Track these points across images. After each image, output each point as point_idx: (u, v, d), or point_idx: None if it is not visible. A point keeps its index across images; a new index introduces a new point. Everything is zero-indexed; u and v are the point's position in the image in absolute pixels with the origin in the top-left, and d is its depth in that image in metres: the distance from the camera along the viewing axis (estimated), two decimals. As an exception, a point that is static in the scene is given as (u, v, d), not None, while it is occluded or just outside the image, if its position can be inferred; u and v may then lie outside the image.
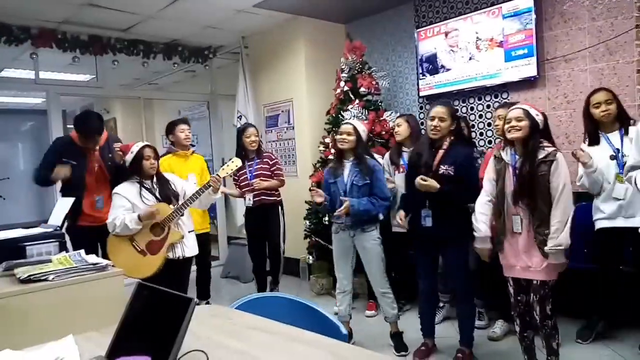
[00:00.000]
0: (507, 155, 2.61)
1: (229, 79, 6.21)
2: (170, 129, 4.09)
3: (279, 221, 4.25)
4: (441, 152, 2.90)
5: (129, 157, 3.14)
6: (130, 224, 3.01)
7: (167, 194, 3.19)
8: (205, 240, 4.18)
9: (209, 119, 6.68)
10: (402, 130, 3.77)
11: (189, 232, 3.26)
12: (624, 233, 2.96)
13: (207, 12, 4.85)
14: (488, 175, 2.72)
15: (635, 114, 3.52)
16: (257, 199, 4.06)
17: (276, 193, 4.19)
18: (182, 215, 3.16)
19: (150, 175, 3.18)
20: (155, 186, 3.19)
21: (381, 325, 3.63)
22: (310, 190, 3.41)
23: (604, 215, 3.04)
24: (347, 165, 3.25)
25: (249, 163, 4.12)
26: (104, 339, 1.34)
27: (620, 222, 2.98)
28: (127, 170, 3.17)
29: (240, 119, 5.66)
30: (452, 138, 2.92)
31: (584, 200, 3.29)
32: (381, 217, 3.34)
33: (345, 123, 3.34)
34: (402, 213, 3.09)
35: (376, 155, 3.91)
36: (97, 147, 3.58)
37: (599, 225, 3.09)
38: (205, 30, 5.40)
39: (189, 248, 3.25)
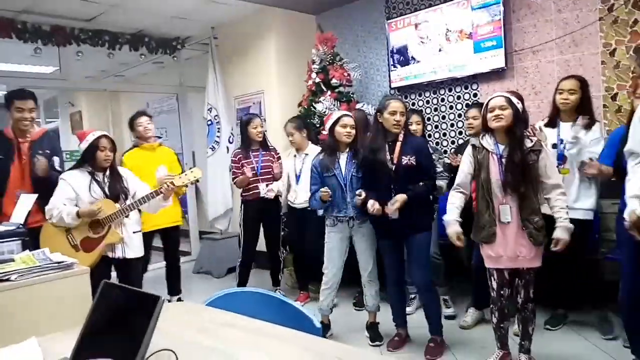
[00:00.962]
0: (489, 144, 2.60)
1: (198, 70, 6.10)
2: (130, 123, 4.02)
3: (280, 218, 4.27)
4: (399, 144, 2.93)
5: (83, 145, 3.01)
6: (66, 218, 2.87)
7: (116, 190, 3.05)
8: (175, 234, 4.11)
9: (178, 111, 6.55)
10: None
11: (134, 232, 3.12)
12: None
13: (174, 2, 4.74)
14: (463, 167, 2.72)
15: (600, 104, 3.61)
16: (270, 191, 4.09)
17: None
18: (127, 216, 3.03)
19: (103, 167, 3.03)
20: (106, 180, 3.05)
21: (357, 316, 3.65)
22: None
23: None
24: (343, 157, 3.21)
25: (254, 154, 4.11)
26: (70, 340, 1.29)
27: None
28: (55, 180, 3.03)
29: (210, 112, 5.57)
30: (404, 131, 2.99)
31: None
32: None
33: (346, 116, 3.23)
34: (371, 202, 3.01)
35: (318, 148, 3.94)
36: (27, 139, 3.38)
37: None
38: (172, 20, 5.28)
39: (132, 249, 3.09)
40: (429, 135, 4.58)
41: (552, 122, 3.15)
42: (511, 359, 2.76)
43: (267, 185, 4.08)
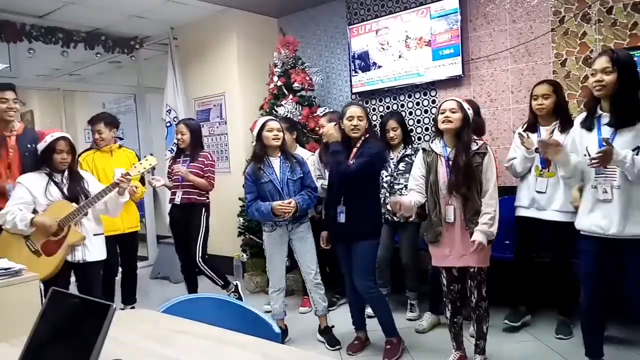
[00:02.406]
0: (437, 147, 2.69)
1: (157, 71, 5.97)
2: (90, 125, 3.89)
3: (199, 224, 4.01)
4: (355, 150, 2.98)
5: (40, 147, 2.91)
6: (19, 224, 2.75)
7: (76, 192, 2.95)
8: (133, 241, 3.99)
9: (136, 112, 6.38)
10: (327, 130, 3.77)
11: (94, 235, 3.03)
12: (542, 223, 3.14)
13: (132, 1, 4.62)
14: (414, 172, 2.79)
15: (569, 109, 3.73)
16: (185, 196, 3.90)
17: (205, 195, 4.00)
18: (85, 214, 2.93)
19: (60, 169, 2.94)
20: (65, 181, 2.95)
21: (314, 321, 3.64)
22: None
23: (520, 204, 3.24)
24: (276, 162, 3.21)
25: (183, 159, 3.99)
26: (15, 350, 1.23)
27: (532, 213, 3.16)
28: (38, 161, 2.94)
29: (169, 113, 5.47)
30: (366, 136, 3.01)
31: (506, 194, 3.46)
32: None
33: (271, 120, 3.28)
34: (324, 235, 3.20)
35: (306, 152, 3.93)
36: (13, 133, 3.24)
37: (517, 212, 3.27)
38: (130, 19, 5.15)
39: (92, 252, 2.99)
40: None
41: (532, 127, 3.20)
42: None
43: (184, 193, 3.90)
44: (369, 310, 3.38)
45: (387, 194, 3.48)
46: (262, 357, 1.29)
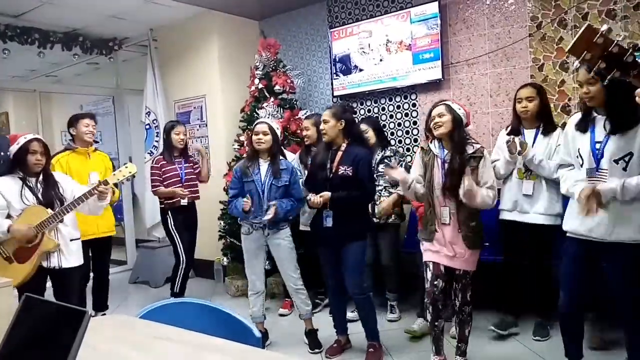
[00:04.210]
0: (435, 147, 2.72)
1: (136, 73, 5.90)
2: (73, 122, 3.76)
3: (197, 225, 4.19)
4: (340, 153, 2.97)
5: (13, 149, 2.82)
6: None
7: (50, 197, 2.87)
8: (106, 245, 3.91)
9: (114, 114, 6.29)
10: (311, 133, 3.77)
11: (71, 240, 2.95)
12: (524, 226, 3.15)
13: (111, 1, 4.56)
14: (414, 168, 2.82)
15: (552, 112, 3.77)
16: (191, 196, 4.02)
17: (199, 192, 4.18)
18: (61, 221, 2.86)
19: (34, 171, 2.86)
20: (39, 186, 2.88)
21: (295, 323, 3.63)
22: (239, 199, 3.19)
23: (503, 207, 3.25)
24: (264, 165, 3.21)
25: (177, 160, 4.02)
26: (-15, 360, 1.20)
27: (514, 216, 3.18)
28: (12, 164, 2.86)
29: (148, 115, 5.40)
30: (348, 140, 2.99)
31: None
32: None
33: (260, 122, 3.28)
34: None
35: (290, 154, 3.91)
36: None
37: (500, 215, 3.28)
38: (109, 20, 5.08)
39: (69, 258, 2.92)
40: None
41: (515, 131, 3.21)
42: None
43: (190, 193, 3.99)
44: (349, 315, 3.38)
45: None
46: (241, 362, 1.27)
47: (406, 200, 3.57)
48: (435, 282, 2.70)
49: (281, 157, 3.28)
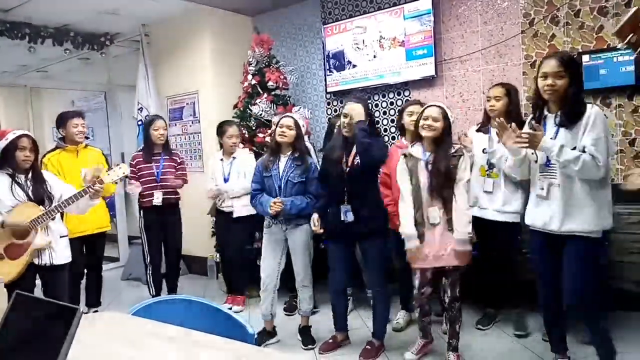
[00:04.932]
0: (417, 152, 2.77)
1: (128, 68, 5.85)
2: (62, 121, 3.72)
3: (181, 223, 4.13)
4: (355, 147, 2.94)
5: (1, 144, 2.80)
6: None
7: (40, 194, 2.85)
8: (100, 242, 3.90)
9: (106, 110, 6.25)
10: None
11: (60, 237, 2.94)
12: (486, 222, 3.15)
13: (102, -4, 4.52)
14: (402, 180, 2.83)
15: (522, 112, 3.81)
16: (165, 197, 3.92)
17: (178, 193, 4.09)
18: (53, 219, 2.85)
19: (23, 168, 2.84)
20: (29, 183, 2.86)
21: (291, 320, 3.65)
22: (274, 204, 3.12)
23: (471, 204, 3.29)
24: (284, 159, 3.18)
25: (154, 158, 3.94)
26: (-25, 358, 1.19)
27: (475, 212, 3.14)
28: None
29: (141, 111, 5.36)
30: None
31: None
32: None
33: (286, 116, 3.25)
34: (316, 216, 3.07)
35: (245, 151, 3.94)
36: None
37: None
38: (100, 15, 5.03)
39: (59, 255, 2.91)
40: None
41: (484, 129, 3.28)
42: (432, 347, 2.97)
43: (163, 194, 3.90)
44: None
45: None
46: (235, 359, 1.27)
47: None
48: (423, 290, 2.81)
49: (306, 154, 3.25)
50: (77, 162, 3.69)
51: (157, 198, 3.89)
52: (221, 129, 4.09)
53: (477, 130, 3.32)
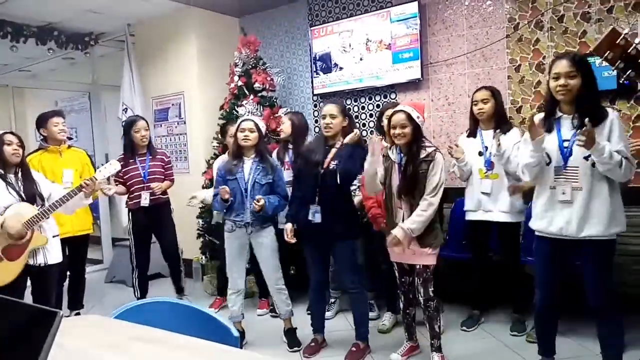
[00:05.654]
0: (393, 154, 2.81)
1: (113, 68, 5.79)
2: (42, 122, 3.66)
3: (173, 223, 4.11)
4: (334, 150, 2.96)
5: None
6: None
7: (31, 192, 2.83)
8: (83, 244, 3.85)
9: (90, 111, 6.17)
10: (285, 127, 3.77)
11: (52, 236, 2.93)
12: (490, 224, 3.23)
13: (87, -5, 4.47)
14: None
15: (506, 114, 3.85)
16: (152, 197, 3.88)
17: (167, 193, 4.06)
18: (47, 218, 2.84)
19: (13, 162, 2.81)
20: (20, 183, 2.83)
21: (273, 322, 3.62)
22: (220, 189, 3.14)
23: (468, 208, 3.32)
24: (248, 162, 3.18)
25: (139, 159, 3.90)
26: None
27: (479, 216, 3.25)
28: None
29: (125, 112, 5.31)
30: (343, 139, 2.99)
31: (461, 196, 3.53)
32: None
33: (246, 119, 3.24)
34: (289, 226, 3.07)
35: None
36: None
37: (466, 217, 3.36)
38: (85, 14, 4.97)
39: (52, 255, 2.91)
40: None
41: (474, 133, 3.32)
42: (420, 351, 2.98)
43: (151, 194, 3.84)
44: (328, 313, 3.39)
45: None
46: (218, 362, 1.26)
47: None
48: (403, 279, 2.91)
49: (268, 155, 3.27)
50: (60, 163, 3.64)
51: (145, 199, 3.84)
52: (224, 129, 4.08)
53: (468, 136, 3.34)
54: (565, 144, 2.31)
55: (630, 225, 3.24)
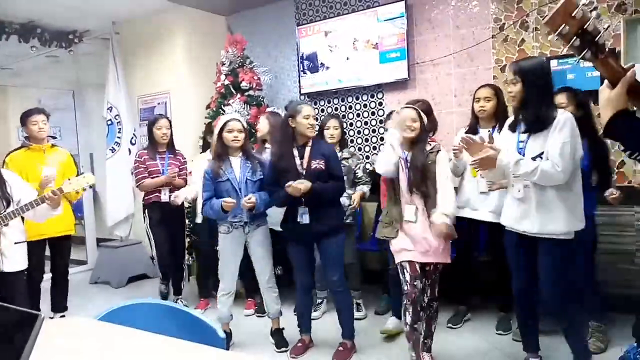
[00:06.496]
0: (398, 151, 2.78)
1: (97, 66, 5.72)
2: (23, 120, 3.62)
3: (185, 224, 4.16)
4: (308, 149, 2.98)
5: None
6: None
7: None
8: (65, 245, 3.78)
9: (75, 109, 6.09)
10: (262, 127, 3.77)
11: (15, 243, 2.83)
12: (477, 223, 3.24)
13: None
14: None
15: (508, 113, 3.86)
16: (172, 193, 3.93)
17: None
18: (6, 225, 2.74)
19: None
20: None
21: (259, 322, 3.61)
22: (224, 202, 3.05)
23: (458, 204, 3.32)
24: (236, 161, 3.16)
25: (160, 156, 3.98)
26: None
27: (466, 213, 3.24)
28: None
29: (110, 111, 5.26)
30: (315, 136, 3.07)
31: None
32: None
33: (233, 120, 3.17)
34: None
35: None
36: None
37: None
38: (68, 11, 4.90)
39: (11, 262, 2.80)
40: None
41: (473, 130, 3.29)
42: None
43: (170, 191, 3.92)
44: (315, 313, 3.38)
45: None
46: (204, 364, 1.25)
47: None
48: (415, 283, 2.65)
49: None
50: (43, 162, 3.57)
51: (165, 194, 3.91)
52: (210, 128, 4.06)
53: (466, 132, 3.32)
54: (521, 145, 2.39)
55: (616, 224, 3.31)
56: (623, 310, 3.00)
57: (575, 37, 1.40)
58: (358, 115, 4.65)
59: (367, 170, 3.67)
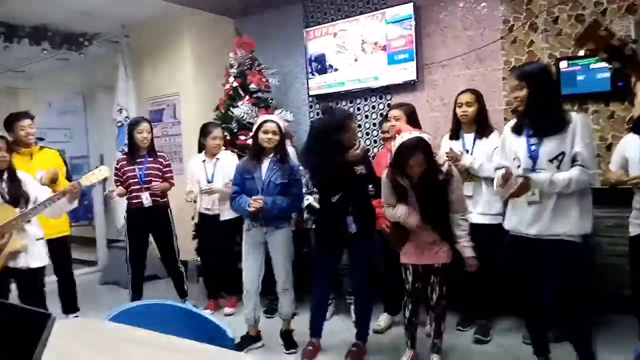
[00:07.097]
0: (403, 181, 2.77)
1: (108, 69, 5.77)
2: (9, 124, 3.54)
3: (171, 226, 4.08)
4: (267, 161, 3.11)
5: None
6: None
7: (17, 195, 2.81)
8: (63, 246, 3.78)
9: (85, 111, 6.15)
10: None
11: (37, 239, 2.90)
12: (477, 225, 3.15)
13: (81, -4, 4.45)
14: (387, 196, 2.85)
15: (501, 117, 3.87)
16: (153, 198, 3.89)
17: (166, 196, 4.05)
18: (29, 222, 2.81)
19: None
20: (4, 185, 2.81)
21: (268, 323, 3.62)
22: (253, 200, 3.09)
23: None
24: (266, 162, 3.16)
25: (138, 160, 3.91)
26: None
27: None
28: None
29: (120, 113, 5.30)
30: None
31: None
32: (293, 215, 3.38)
33: (269, 121, 3.19)
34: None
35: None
36: None
37: None
38: (79, 15, 4.94)
39: (36, 258, 2.88)
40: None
41: (456, 135, 3.32)
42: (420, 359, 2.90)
43: (150, 195, 3.86)
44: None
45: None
46: (213, 365, 1.25)
47: None
48: (416, 284, 2.78)
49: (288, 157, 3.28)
50: (31, 165, 3.51)
51: (146, 199, 3.85)
52: (206, 129, 4.06)
53: (450, 138, 3.35)
54: (533, 147, 2.35)
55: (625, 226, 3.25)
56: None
57: (603, 53, 1.61)
58: (367, 117, 4.65)
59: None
